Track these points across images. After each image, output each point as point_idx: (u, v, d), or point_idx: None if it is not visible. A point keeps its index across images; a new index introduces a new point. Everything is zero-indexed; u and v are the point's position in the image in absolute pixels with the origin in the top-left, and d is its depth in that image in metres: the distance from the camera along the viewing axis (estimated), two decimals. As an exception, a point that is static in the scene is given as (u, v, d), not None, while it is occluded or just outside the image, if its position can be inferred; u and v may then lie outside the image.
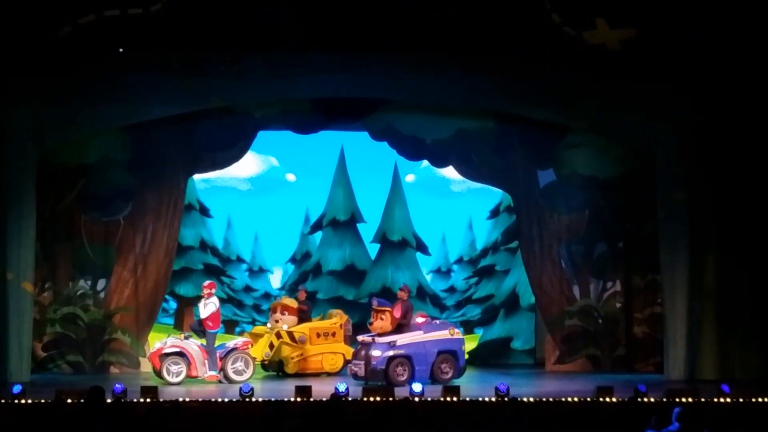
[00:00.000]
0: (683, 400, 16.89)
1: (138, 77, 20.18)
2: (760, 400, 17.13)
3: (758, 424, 13.42)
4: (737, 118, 20.24)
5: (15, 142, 20.35)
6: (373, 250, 28.40)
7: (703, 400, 17.20)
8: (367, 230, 28.46)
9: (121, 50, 19.59)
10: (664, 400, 17.08)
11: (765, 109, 20.04)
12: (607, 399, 17.16)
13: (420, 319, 20.54)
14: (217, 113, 22.37)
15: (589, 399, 17.26)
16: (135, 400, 16.57)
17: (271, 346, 21.64)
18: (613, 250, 23.73)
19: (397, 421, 13.34)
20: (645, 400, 16.78)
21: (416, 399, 16.77)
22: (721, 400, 17.22)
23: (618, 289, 23.76)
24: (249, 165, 26.93)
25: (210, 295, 20.75)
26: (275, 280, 28.85)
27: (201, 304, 20.75)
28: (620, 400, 16.95)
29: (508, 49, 19.79)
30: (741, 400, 17.20)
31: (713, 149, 20.69)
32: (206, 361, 20.27)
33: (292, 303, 22.44)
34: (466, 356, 21.24)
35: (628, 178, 23.20)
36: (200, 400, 16.94)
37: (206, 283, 21.25)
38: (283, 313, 22.15)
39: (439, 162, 24.56)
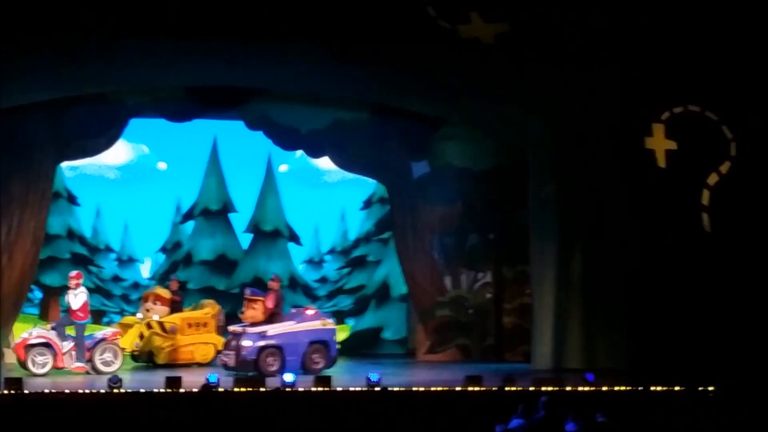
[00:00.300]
0: (549, 389, 17.17)
1: (5, 61, 19.69)
2: (622, 388, 17.50)
3: (620, 412, 13.71)
4: (606, 112, 20.58)
5: None
6: (245, 240, 28.26)
7: (568, 388, 17.51)
8: (240, 220, 28.31)
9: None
10: (531, 389, 17.35)
11: (632, 102, 20.43)
12: (476, 388, 17.35)
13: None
14: (88, 100, 21.96)
15: (458, 388, 17.43)
16: (-1, 392, 16.25)
17: (141, 336, 21.41)
18: (485, 242, 24.02)
19: (268, 411, 13.33)
20: (514, 389, 17.04)
21: (287, 389, 16.74)
22: (585, 388, 17.54)
23: (489, 280, 24.07)
24: (119, 153, 26.56)
25: (78, 285, 20.38)
26: (145, 269, 28.54)
27: (70, 295, 20.35)
28: (489, 389, 17.17)
29: (384, 41, 19.82)
30: (604, 388, 17.55)
31: (583, 143, 21.01)
32: (74, 353, 19.93)
33: (164, 293, 22.22)
34: (338, 346, 21.28)
35: (501, 171, 23.47)
36: (67, 391, 16.65)
37: (73, 273, 20.86)
38: (155, 303, 21.94)
39: (315, 152, 24.57)
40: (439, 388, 17.35)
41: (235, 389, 16.90)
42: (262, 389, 16.73)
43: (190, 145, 27.34)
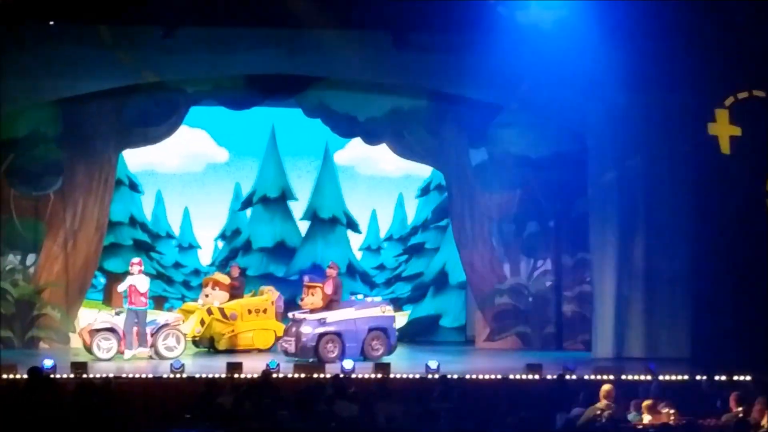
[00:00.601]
0: (610, 377, 17.12)
1: (69, 50, 19.93)
2: (684, 378, 17.39)
3: (683, 402, 13.65)
4: (668, 98, 20.45)
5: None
6: (303, 227, 28.35)
7: (630, 378, 17.44)
8: (298, 207, 28.40)
9: (51, 23, 19.34)
10: (592, 377, 17.31)
11: (695, 87, 20.27)
12: (536, 376, 17.34)
13: (352, 297, 20.64)
14: (149, 88, 22.16)
15: (518, 376, 17.43)
16: (65, 376, 16.47)
17: (202, 322, 21.57)
18: (544, 229, 23.90)
19: (327, 397, 13.39)
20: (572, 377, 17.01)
21: (347, 376, 16.82)
22: (648, 378, 17.44)
23: (548, 267, 23.96)
24: (180, 141, 26.65)
25: (140, 272, 20.58)
26: (205, 256, 28.67)
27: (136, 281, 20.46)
28: (549, 377, 17.14)
29: (442, 27, 19.81)
30: (667, 378, 17.45)
31: (645, 129, 20.89)
32: (137, 338, 20.11)
33: (224, 279, 22.37)
34: (396, 333, 21.33)
35: (560, 158, 23.34)
36: (131, 376, 16.85)
37: (135, 260, 21.12)
38: (214, 288, 22.07)
39: (372, 140, 24.57)
40: (499, 376, 17.35)
41: (295, 375, 17.03)
42: (321, 375, 16.83)
43: (248, 132, 27.43)
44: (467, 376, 17.19)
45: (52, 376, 16.01)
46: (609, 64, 20.52)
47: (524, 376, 17.49)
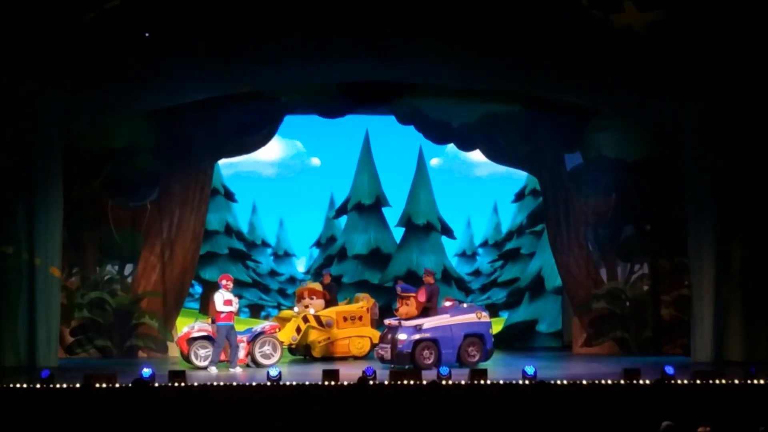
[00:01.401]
0: (711, 382, 16.86)
1: (165, 62, 20.15)
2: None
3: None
4: (764, 98, 20.10)
5: (42, 127, 20.36)
6: (398, 234, 28.42)
7: (731, 382, 17.14)
8: (392, 214, 28.48)
9: (147, 35, 19.58)
10: (692, 382, 17.06)
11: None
12: (635, 381, 17.12)
13: (447, 303, 20.54)
14: (243, 98, 22.40)
15: (616, 381, 17.23)
16: (163, 385, 16.64)
17: (298, 330, 21.66)
18: (641, 233, 23.68)
19: (424, 404, 13.36)
20: (672, 382, 16.76)
21: (443, 382, 16.76)
22: (749, 381, 17.13)
23: (645, 271, 23.73)
24: (274, 149, 26.98)
25: (227, 288, 19.83)
26: (300, 264, 28.90)
27: (231, 297, 19.86)
28: (647, 382, 16.92)
29: (535, 33, 19.69)
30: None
31: (740, 132, 20.56)
32: (231, 353, 19.97)
33: (317, 287, 22.45)
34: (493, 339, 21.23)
35: (656, 161, 23.11)
36: (228, 384, 16.97)
37: (225, 275, 20.51)
38: (311, 297, 22.13)
39: (466, 146, 24.53)
40: (597, 381, 17.16)
41: (391, 382, 17.00)
42: (418, 382, 16.78)
43: (342, 140, 27.61)
44: (564, 382, 17.03)
45: (151, 384, 16.18)
46: (704, 66, 20.22)
47: (622, 382, 17.27)
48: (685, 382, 17.10)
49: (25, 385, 16.38)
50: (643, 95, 21.26)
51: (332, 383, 16.70)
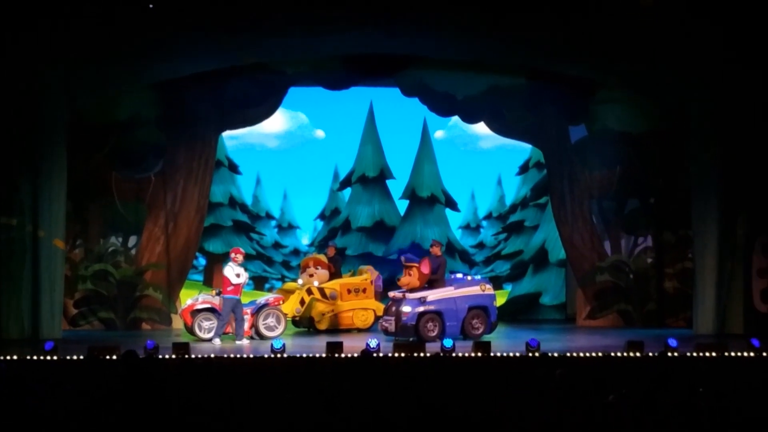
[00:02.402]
0: (712, 354, 16.88)
1: (169, 34, 20.08)
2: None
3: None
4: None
5: (46, 99, 20.31)
6: (402, 206, 28.42)
7: (733, 354, 17.15)
8: (397, 186, 28.47)
9: (151, 6, 19.50)
10: (694, 354, 17.08)
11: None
12: (638, 354, 17.13)
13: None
14: (248, 70, 22.35)
15: (619, 354, 17.24)
16: (167, 356, 16.67)
17: (302, 302, 21.68)
18: (645, 206, 23.68)
19: (428, 376, 13.37)
20: (674, 354, 16.78)
21: (447, 354, 16.78)
22: (752, 354, 17.15)
23: (649, 244, 23.76)
24: (278, 121, 26.91)
25: (235, 261, 19.74)
26: (304, 236, 28.90)
27: (240, 271, 19.79)
28: (651, 354, 16.94)
29: (540, 5, 19.60)
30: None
31: (746, 105, 20.50)
32: (236, 326, 20.00)
33: (322, 258, 22.45)
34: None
35: (661, 134, 23.05)
36: (232, 356, 17.00)
37: (235, 249, 20.46)
38: (316, 267, 22.13)
39: (471, 118, 24.49)
40: (600, 354, 17.18)
41: (395, 354, 17.02)
42: (421, 354, 16.80)
43: (347, 112, 27.55)
44: (568, 354, 17.05)
45: (154, 356, 16.21)
46: (711, 39, 20.13)
47: (625, 354, 17.29)
48: (688, 354, 17.12)
49: (29, 357, 16.42)
50: (650, 68, 21.19)
51: (336, 355, 16.73)
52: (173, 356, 16.63)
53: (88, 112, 21.79)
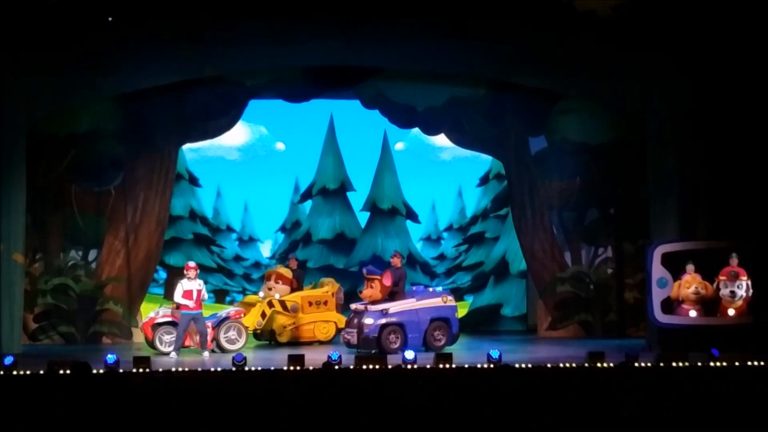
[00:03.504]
0: (676, 364, 16.99)
1: (129, 46, 20.04)
2: (749, 363, 17.18)
3: (746, 387, 13.48)
4: (729, 85, 20.18)
5: (5, 111, 20.17)
6: (363, 218, 28.40)
7: (696, 364, 17.27)
8: (357, 199, 28.44)
9: (110, 19, 19.45)
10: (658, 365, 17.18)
11: (758, 74, 19.97)
12: (599, 364, 17.21)
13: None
14: (208, 82, 22.32)
15: (581, 364, 17.31)
16: (128, 371, 16.58)
17: (264, 315, 21.64)
18: (605, 217, 23.81)
19: (389, 388, 13.36)
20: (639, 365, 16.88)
21: (409, 366, 16.80)
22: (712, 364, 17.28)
23: (609, 255, 23.89)
24: (238, 134, 26.80)
25: (188, 277, 19.50)
26: (265, 249, 28.81)
27: (192, 288, 19.50)
28: (612, 365, 17.02)
29: (499, 16, 19.70)
30: (734, 363, 17.27)
31: (705, 115, 20.64)
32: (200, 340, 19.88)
33: (287, 272, 22.40)
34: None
35: (620, 145, 23.22)
36: (193, 369, 16.94)
37: (191, 264, 19.95)
38: (277, 282, 22.12)
39: (431, 130, 24.57)
40: (562, 365, 17.25)
41: (357, 367, 17.01)
42: (383, 366, 16.81)
43: (307, 125, 27.50)
44: (529, 365, 17.10)
45: (115, 370, 16.13)
46: (668, 48, 20.29)
47: (586, 365, 17.37)
48: (649, 364, 17.21)
49: (-12, 372, 16.30)
50: (608, 78, 21.35)
51: (298, 368, 16.71)
52: (134, 370, 16.56)
53: (48, 124, 21.65)
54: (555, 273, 23.56)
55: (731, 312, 19.88)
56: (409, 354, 17.40)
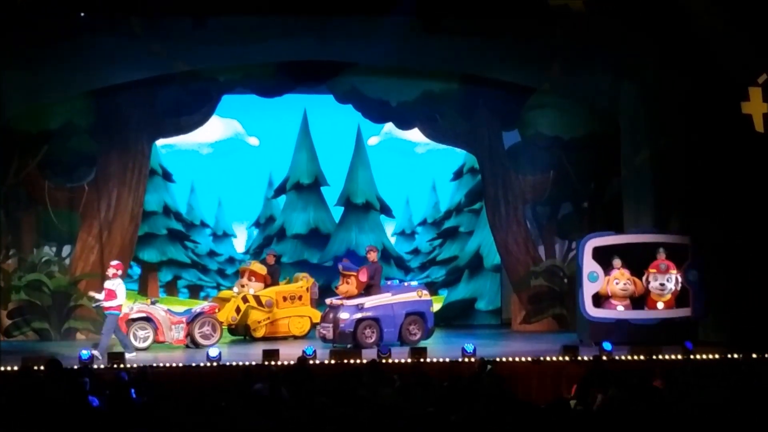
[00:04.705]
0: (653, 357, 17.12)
1: (101, 42, 20.00)
2: (728, 356, 17.29)
3: (721, 380, 13.62)
4: (702, 79, 20.28)
5: (-25, 108, 20.14)
6: (337, 213, 28.39)
7: (667, 357, 17.39)
8: (331, 193, 28.42)
9: (82, 14, 19.39)
10: (630, 358, 17.29)
11: (730, 69, 20.06)
12: (573, 358, 17.31)
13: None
14: (181, 78, 22.27)
15: (554, 358, 17.40)
16: (102, 366, 16.56)
17: (238, 310, 21.61)
18: (578, 210, 23.89)
19: (364, 382, 13.39)
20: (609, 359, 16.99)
21: (384, 361, 16.84)
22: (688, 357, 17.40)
23: (583, 249, 23.91)
24: (212, 129, 26.71)
25: (115, 276, 19.22)
26: (239, 244, 28.76)
27: (114, 288, 19.10)
28: (585, 358, 17.12)
29: (472, 11, 19.74)
30: (708, 357, 17.40)
31: (677, 109, 20.74)
32: (173, 327, 20.00)
33: (260, 269, 22.32)
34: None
35: (593, 139, 23.30)
36: (168, 365, 16.93)
37: (113, 263, 19.62)
38: (250, 279, 22.09)
39: (404, 124, 24.60)
40: (536, 358, 17.33)
41: (332, 361, 17.05)
42: (358, 361, 16.84)
43: (280, 120, 27.47)
44: (504, 359, 17.17)
45: (89, 366, 16.10)
46: (641, 43, 20.37)
47: (560, 358, 17.45)
48: (623, 358, 17.33)
49: (-39, 369, 16.24)
50: (581, 73, 21.43)
51: (272, 363, 16.72)
52: (109, 366, 16.54)
53: (20, 120, 21.59)
54: (529, 267, 23.63)
55: (660, 305, 20.00)
56: (384, 348, 17.48)
